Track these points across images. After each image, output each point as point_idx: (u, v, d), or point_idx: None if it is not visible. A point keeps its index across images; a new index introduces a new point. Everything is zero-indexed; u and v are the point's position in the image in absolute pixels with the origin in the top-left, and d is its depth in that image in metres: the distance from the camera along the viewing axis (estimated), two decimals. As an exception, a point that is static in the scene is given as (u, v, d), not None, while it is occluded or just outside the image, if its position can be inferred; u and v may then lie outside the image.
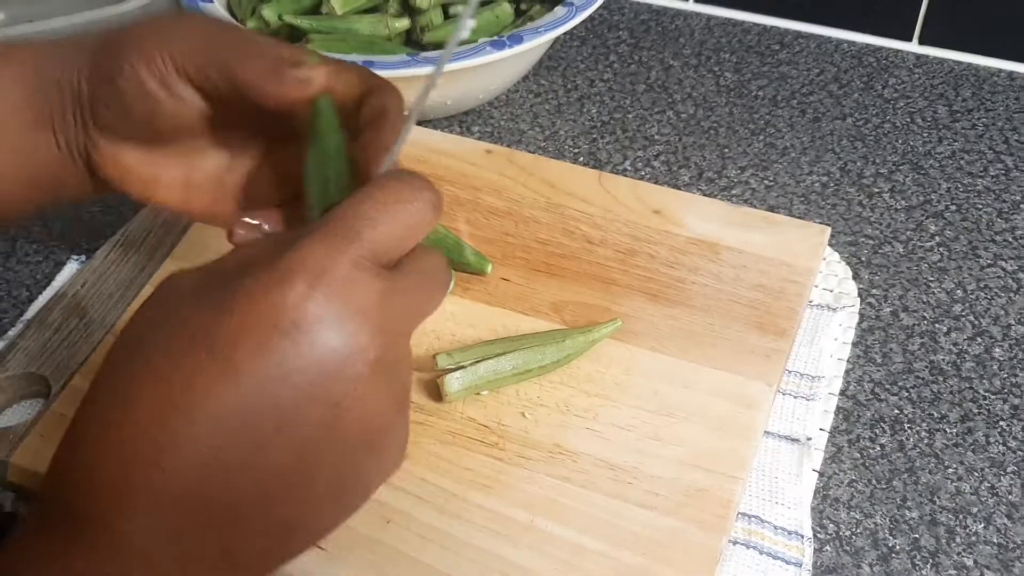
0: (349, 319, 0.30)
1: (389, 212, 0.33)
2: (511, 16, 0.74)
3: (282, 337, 0.30)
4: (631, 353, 0.53)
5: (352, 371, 0.31)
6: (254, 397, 0.30)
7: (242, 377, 0.29)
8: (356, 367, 0.31)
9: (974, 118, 0.73)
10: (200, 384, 0.29)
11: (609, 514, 0.46)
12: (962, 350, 0.56)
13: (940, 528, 0.48)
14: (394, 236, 0.33)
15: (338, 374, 0.30)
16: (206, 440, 0.29)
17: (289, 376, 0.30)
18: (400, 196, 0.33)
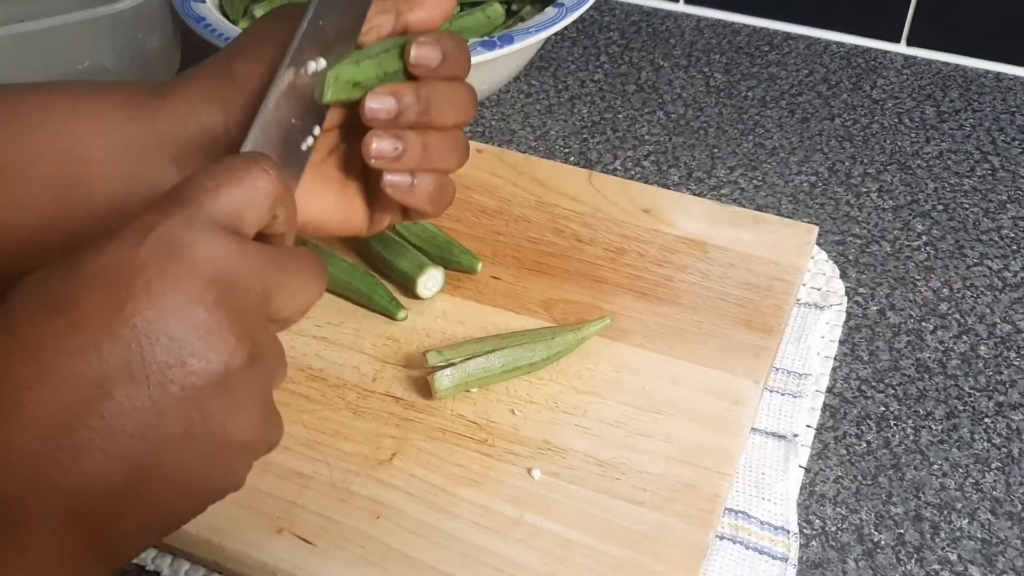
0: (181, 267, 0.32)
1: (225, 182, 0.34)
2: (502, 17, 0.75)
3: (117, 287, 0.32)
4: (620, 350, 0.53)
5: (190, 315, 0.32)
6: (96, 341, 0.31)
7: (83, 326, 0.31)
8: (194, 311, 0.32)
9: (961, 119, 0.73)
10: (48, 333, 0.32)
11: (597, 509, 0.46)
12: (948, 348, 0.57)
13: (925, 524, 0.49)
14: (231, 200, 0.34)
15: (175, 317, 0.32)
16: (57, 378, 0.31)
17: (126, 320, 0.32)
18: (236, 166, 0.35)
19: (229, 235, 0.34)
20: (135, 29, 0.74)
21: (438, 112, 0.44)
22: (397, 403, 0.51)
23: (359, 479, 0.47)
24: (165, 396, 0.32)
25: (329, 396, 0.51)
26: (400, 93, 0.43)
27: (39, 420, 0.31)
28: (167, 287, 0.32)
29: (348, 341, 0.54)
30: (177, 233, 0.33)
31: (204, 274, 0.33)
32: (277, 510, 0.46)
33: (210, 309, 0.32)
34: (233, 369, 0.33)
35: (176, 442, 0.33)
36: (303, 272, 0.37)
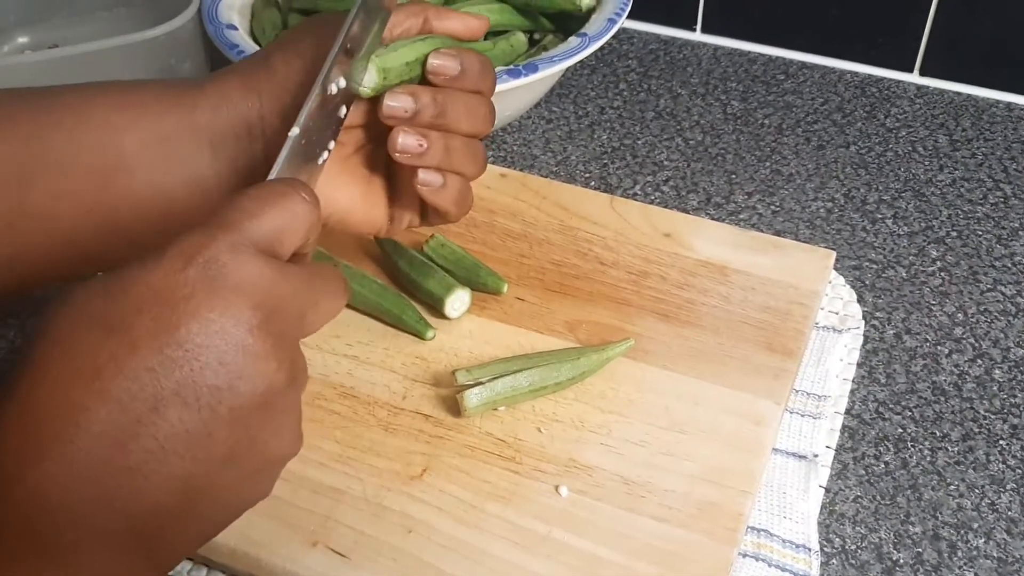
0: (228, 292, 0.33)
1: (266, 205, 0.36)
2: (525, 46, 0.76)
3: (168, 311, 0.33)
4: (643, 371, 0.54)
5: (236, 338, 0.33)
6: (150, 364, 0.32)
7: (137, 346, 0.33)
8: (240, 335, 0.33)
9: (974, 147, 0.75)
10: (103, 354, 0.33)
11: (624, 526, 0.47)
12: (963, 371, 0.58)
13: (942, 543, 0.50)
14: (272, 226, 0.36)
15: (223, 341, 0.33)
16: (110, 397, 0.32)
17: (179, 344, 0.33)
18: (275, 191, 0.37)
19: (270, 259, 0.35)
20: (168, 55, 0.76)
21: (454, 118, 0.46)
22: (427, 420, 0.52)
23: (391, 494, 0.49)
24: (215, 418, 0.33)
25: (361, 413, 0.53)
26: (417, 94, 0.45)
27: (96, 441, 0.32)
28: (216, 311, 0.33)
29: (378, 360, 0.56)
30: (223, 258, 0.34)
31: (249, 299, 0.34)
32: (312, 524, 0.47)
33: (255, 333, 0.34)
34: (275, 390, 0.34)
35: (223, 461, 0.34)
36: (331, 290, 0.38)
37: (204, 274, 0.33)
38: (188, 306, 0.33)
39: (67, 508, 0.32)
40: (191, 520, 0.35)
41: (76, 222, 0.45)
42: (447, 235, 0.61)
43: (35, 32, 0.85)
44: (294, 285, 0.36)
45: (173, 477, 0.33)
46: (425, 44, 0.46)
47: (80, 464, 0.32)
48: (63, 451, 0.32)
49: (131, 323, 0.33)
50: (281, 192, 0.37)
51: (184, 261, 0.33)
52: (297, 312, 0.36)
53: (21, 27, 0.85)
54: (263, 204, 0.36)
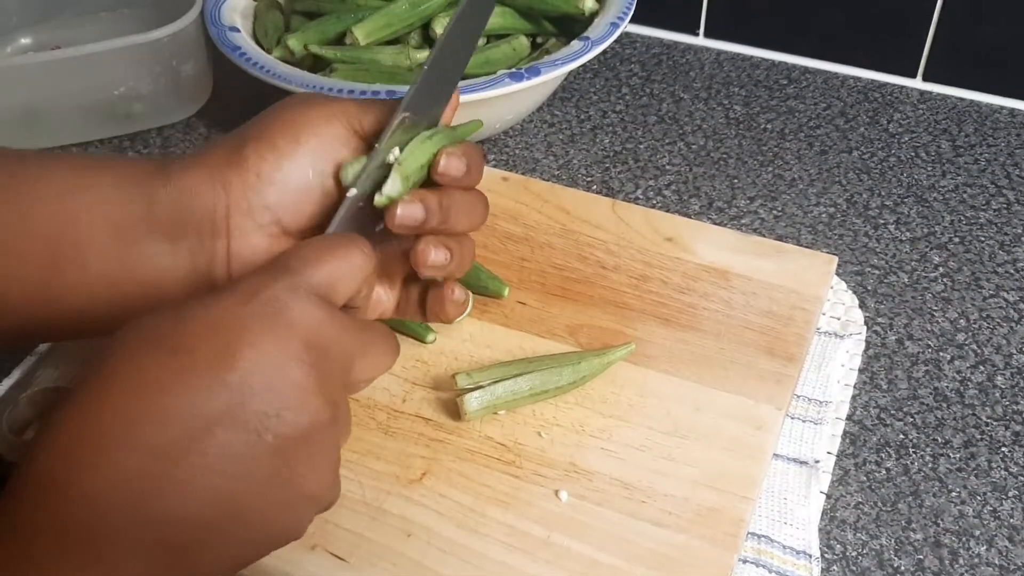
0: (283, 328, 0.36)
1: (324, 256, 0.39)
2: (527, 49, 0.76)
3: (228, 339, 0.35)
4: (645, 376, 0.54)
5: (287, 372, 0.36)
6: (208, 386, 0.35)
7: (198, 368, 0.35)
8: (291, 369, 0.36)
9: (976, 153, 0.75)
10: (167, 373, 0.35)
11: (624, 531, 0.47)
12: (965, 378, 0.58)
13: (944, 550, 0.50)
14: (329, 277, 0.38)
15: (275, 372, 0.35)
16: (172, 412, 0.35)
17: (235, 370, 0.35)
18: (335, 243, 0.40)
19: (324, 304, 0.38)
20: (170, 57, 0.76)
21: (455, 219, 0.46)
22: (427, 424, 0.52)
23: (390, 498, 0.49)
24: (259, 443, 0.35)
25: (360, 416, 0.52)
26: (427, 201, 0.45)
27: (150, 453, 0.34)
28: (270, 343, 0.36)
29: (378, 363, 0.55)
30: (282, 297, 0.37)
31: (302, 337, 0.36)
32: (311, 527, 0.47)
33: (305, 369, 0.36)
34: (317, 426, 0.36)
35: (261, 486, 0.36)
36: (380, 345, 0.41)
37: (263, 310, 0.36)
38: (246, 336, 0.35)
39: (112, 517, 0.34)
40: (227, 540, 0.36)
41: (23, 305, 0.43)
42: (448, 238, 0.61)
43: (38, 33, 0.85)
44: (344, 331, 0.38)
45: (215, 494, 0.35)
46: (433, 142, 0.46)
47: (130, 474, 0.34)
48: (116, 460, 0.34)
49: (194, 347, 0.35)
50: (339, 243, 0.39)
51: (247, 297, 0.36)
52: (345, 357, 0.38)
53: (23, 28, 0.85)
54: (322, 253, 0.39)
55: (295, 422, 0.36)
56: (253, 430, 0.35)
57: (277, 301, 0.36)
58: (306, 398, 0.36)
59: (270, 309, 0.36)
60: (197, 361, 0.35)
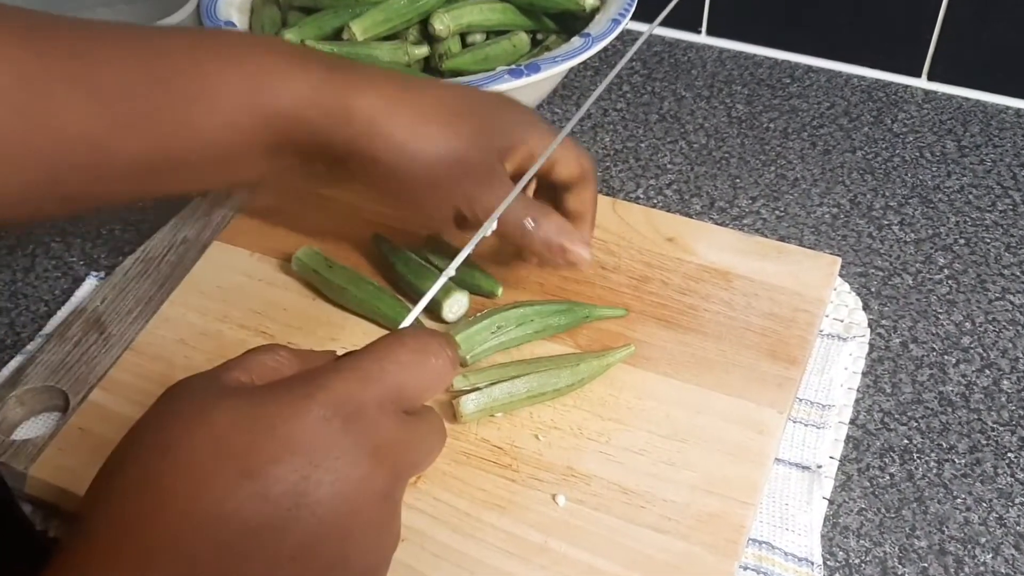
0: (369, 458, 0.33)
1: (417, 361, 0.35)
2: (527, 45, 0.75)
3: (310, 465, 0.31)
4: (644, 378, 0.53)
5: (365, 506, 0.33)
6: (279, 519, 0.31)
7: (269, 498, 0.31)
8: (368, 503, 0.33)
9: (982, 153, 0.74)
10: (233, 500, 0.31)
11: (622, 537, 0.46)
12: (971, 382, 0.57)
13: (949, 558, 0.49)
14: (418, 386, 0.36)
15: (352, 506, 0.32)
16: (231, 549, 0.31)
17: (309, 502, 0.31)
18: (429, 348, 0.36)
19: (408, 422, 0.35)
20: (165, 51, 0.75)
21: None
22: (422, 426, 0.51)
23: (384, 502, 0.48)
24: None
25: (355, 418, 0.51)
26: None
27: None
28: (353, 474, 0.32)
29: (373, 364, 0.54)
30: (370, 414, 0.33)
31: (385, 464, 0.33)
32: (302, 531, 0.46)
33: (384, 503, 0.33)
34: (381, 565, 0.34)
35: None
36: (440, 442, 0.38)
37: (349, 428, 0.32)
38: (328, 467, 0.32)
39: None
40: None
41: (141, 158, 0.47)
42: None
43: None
44: (419, 445, 0.36)
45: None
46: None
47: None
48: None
49: (267, 472, 0.31)
50: (434, 351, 0.36)
51: (333, 411, 0.32)
52: (415, 470, 0.36)
53: (18, 22, 0.84)
54: (417, 359, 0.35)
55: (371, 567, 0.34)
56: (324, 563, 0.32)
57: (365, 419, 0.33)
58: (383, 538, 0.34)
59: (358, 428, 0.33)
60: (270, 489, 0.31)
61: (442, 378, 0.37)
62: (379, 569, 0.35)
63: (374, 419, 0.33)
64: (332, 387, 0.33)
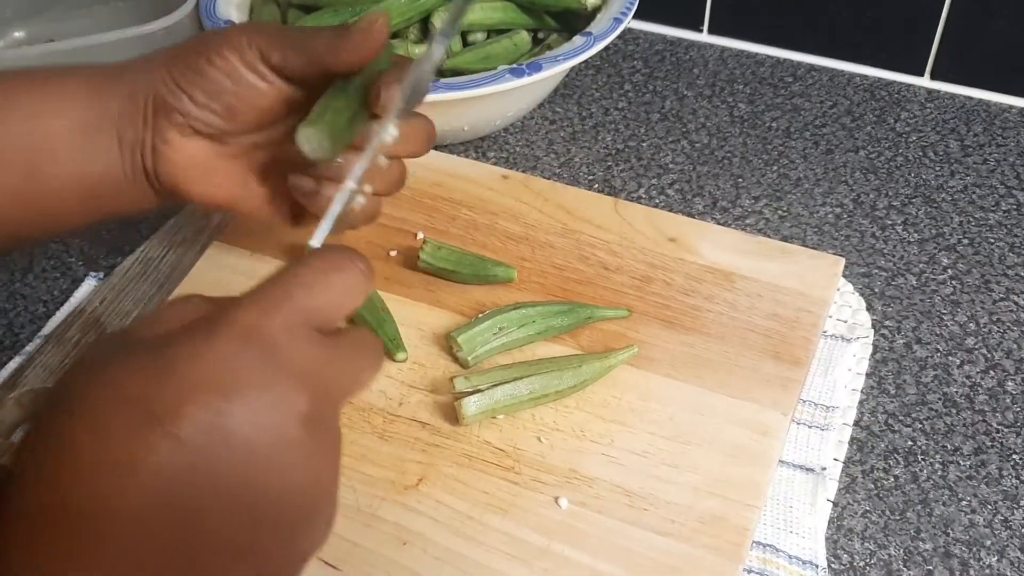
0: (283, 382, 0.31)
1: (324, 279, 0.34)
2: (528, 44, 0.75)
3: (219, 399, 0.30)
4: (647, 379, 0.53)
5: (288, 432, 0.31)
6: (194, 457, 0.30)
7: (182, 438, 0.30)
8: (291, 429, 0.31)
9: (985, 153, 0.73)
10: (142, 444, 0.30)
11: (625, 539, 0.46)
12: (975, 383, 0.57)
13: (954, 560, 0.48)
14: (329, 303, 0.34)
15: (274, 435, 0.31)
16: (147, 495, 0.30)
17: (226, 437, 0.30)
18: (334, 264, 0.35)
19: (323, 341, 0.33)
20: (164, 50, 0.74)
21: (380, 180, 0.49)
22: (423, 428, 0.51)
23: (385, 504, 0.47)
24: (256, 523, 0.31)
25: (355, 420, 0.51)
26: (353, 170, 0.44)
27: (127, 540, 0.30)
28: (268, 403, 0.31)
29: (374, 365, 0.54)
30: (279, 340, 0.32)
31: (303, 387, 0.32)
32: (303, 534, 0.46)
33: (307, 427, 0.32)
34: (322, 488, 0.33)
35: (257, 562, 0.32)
36: (372, 360, 0.36)
37: (259, 360, 0.31)
38: (240, 396, 0.30)
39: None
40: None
41: (5, 208, 0.47)
42: (445, 238, 0.60)
43: (32, 26, 0.84)
44: (343, 364, 0.34)
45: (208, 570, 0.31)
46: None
47: (110, 566, 0.29)
48: (92, 552, 0.29)
49: (176, 411, 0.30)
50: (340, 265, 0.35)
51: (238, 344, 0.31)
52: (344, 391, 0.34)
53: (18, 21, 0.84)
54: (322, 276, 0.34)
55: (298, 495, 0.32)
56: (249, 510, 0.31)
57: (274, 347, 0.31)
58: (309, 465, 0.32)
59: (267, 358, 0.31)
60: (181, 429, 0.30)
61: (354, 291, 0.35)
62: (320, 500, 0.33)
63: (285, 344, 0.32)
64: (235, 320, 0.31)
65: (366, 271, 0.35)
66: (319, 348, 0.33)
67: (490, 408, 0.50)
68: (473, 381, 0.51)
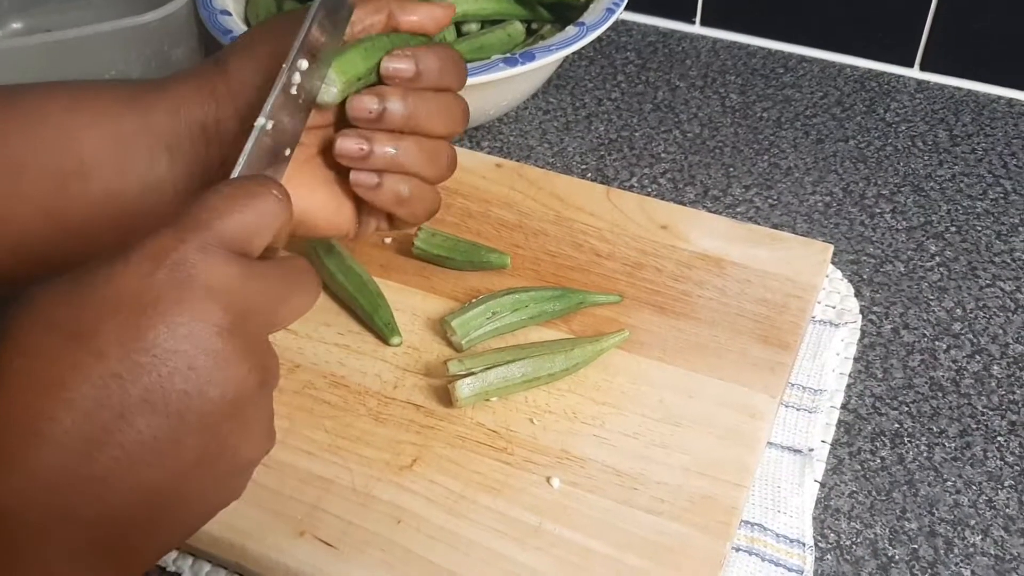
0: (197, 296, 0.33)
1: (236, 204, 0.35)
2: (522, 35, 0.76)
3: (135, 315, 0.32)
4: (638, 363, 0.54)
5: (207, 343, 0.32)
6: (116, 367, 0.32)
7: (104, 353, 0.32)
8: (210, 340, 0.33)
9: (974, 143, 0.74)
10: (67, 363, 0.32)
11: (616, 518, 0.46)
12: (961, 367, 0.58)
13: (938, 539, 0.49)
14: (243, 226, 0.35)
15: (193, 346, 0.32)
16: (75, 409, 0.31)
17: (145, 347, 0.32)
18: (247, 190, 0.35)
19: (240, 259, 0.34)
20: (161, 41, 0.75)
21: (427, 120, 0.45)
22: (418, 411, 0.52)
23: (380, 484, 0.48)
24: (184, 425, 0.32)
25: (351, 403, 0.52)
26: (385, 95, 0.44)
27: (61, 450, 0.31)
28: (185, 315, 0.32)
29: (370, 349, 0.55)
30: (192, 258, 0.33)
31: (219, 301, 0.33)
32: (299, 513, 0.47)
33: (226, 338, 0.33)
34: (245, 394, 0.34)
35: (192, 468, 0.33)
36: (302, 285, 0.37)
37: (172, 277, 0.32)
38: (156, 310, 0.32)
39: (31, 521, 0.31)
40: (159, 528, 0.34)
41: (27, 224, 0.44)
42: (439, 226, 0.61)
43: (29, 17, 0.85)
44: (265, 284, 0.35)
45: (140, 486, 0.32)
46: (385, 42, 0.45)
47: (44, 476, 0.31)
48: (27, 463, 0.31)
49: (96, 329, 0.32)
50: (252, 190, 0.35)
51: (152, 264, 0.32)
52: (268, 311, 0.35)
53: (15, 12, 0.84)
54: (233, 202, 0.35)
55: (220, 397, 0.33)
56: (175, 412, 0.32)
57: (187, 264, 0.33)
58: (230, 369, 0.33)
59: (180, 275, 0.32)
60: (102, 344, 0.31)
61: (268, 215, 0.36)
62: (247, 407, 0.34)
63: (197, 262, 0.33)
64: (147, 245, 0.33)
65: (280, 196, 0.36)
66: (235, 266, 0.34)
67: (483, 391, 0.51)
68: (467, 364, 0.52)
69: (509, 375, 0.51)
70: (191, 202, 0.35)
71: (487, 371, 0.51)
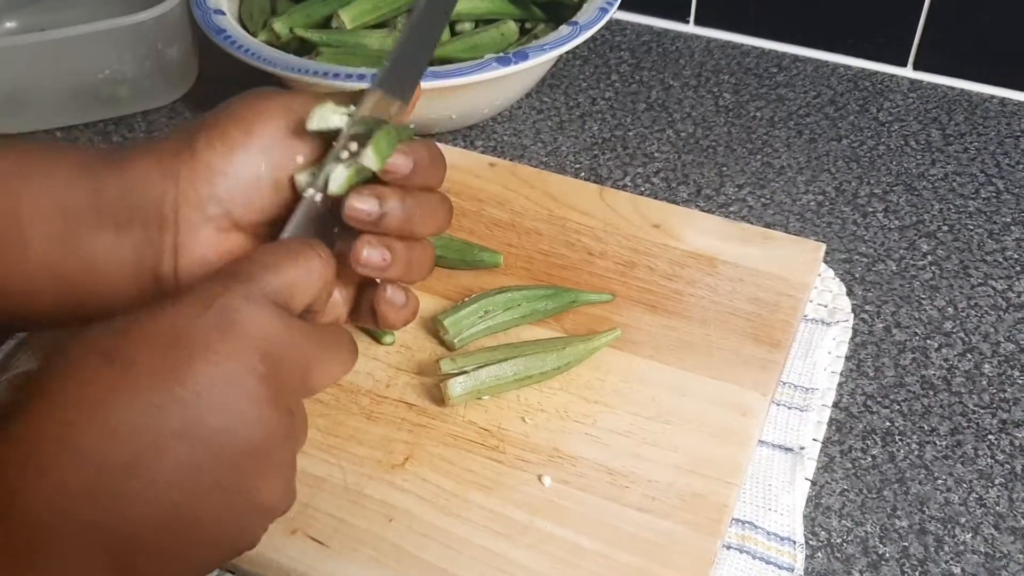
0: (239, 339, 0.35)
1: (282, 261, 0.37)
2: (515, 34, 0.76)
3: (177, 352, 0.34)
4: (630, 361, 0.54)
5: (243, 384, 0.35)
6: (157, 403, 0.33)
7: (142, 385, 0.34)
8: (247, 381, 0.35)
9: (966, 142, 0.75)
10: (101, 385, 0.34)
11: (607, 516, 0.47)
12: (952, 366, 0.58)
13: (929, 537, 0.49)
14: (288, 283, 0.37)
15: (230, 386, 0.34)
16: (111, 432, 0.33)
17: (186, 385, 0.34)
18: (294, 249, 0.38)
19: (281, 312, 0.36)
20: (155, 40, 0.75)
21: (420, 221, 0.42)
22: (410, 409, 0.52)
23: (372, 482, 0.48)
24: (213, 459, 0.34)
25: (343, 401, 0.52)
26: (384, 197, 0.41)
27: (92, 465, 0.33)
28: (225, 356, 0.34)
29: (362, 348, 0.54)
30: (236, 304, 0.35)
31: (258, 348, 0.35)
32: (291, 511, 0.47)
33: (261, 382, 0.35)
34: (273, 439, 0.35)
35: (213, 501, 0.35)
36: (339, 350, 0.39)
37: (217, 319, 0.35)
38: (198, 349, 0.34)
39: (54, 526, 0.33)
40: (176, 552, 0.35)
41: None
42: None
43: (23, 16, 0.85)
44: (302, 339, 0.37)
45: (165, 509, 0.34)
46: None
47: (73, 488, 0.33)
48: (59, 473, 0.33)
49: (134, 359, 0.34)
50: (297, 249, 0.38)
51: (200, 307, 0.35)
52: (303, 365, 0.37)
53: (9, 11, 0.84)
54: (279, 259, 0.37)
55: (250, 437, 0.35)
56: (207, 446, 0.34)
57: (232, 310, 0.35)
58: (262, 412, 0.35)
59: (225, 319, 0.35)
60: (143, 374, 0.33)
61: (312, 273, 0.38)
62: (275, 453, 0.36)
63: (241, 307, 0.35)
64: (196, 290, 0.36)
65: (325, 258, 0.39)
66: (276, 318, 0.36)
67: (475, 389, 0.51)
68: (459, 363, 0.52)
69: (501, 374, 0.52)
70: (242, 257, 0.38)
71: (479, 370, 0.51)
